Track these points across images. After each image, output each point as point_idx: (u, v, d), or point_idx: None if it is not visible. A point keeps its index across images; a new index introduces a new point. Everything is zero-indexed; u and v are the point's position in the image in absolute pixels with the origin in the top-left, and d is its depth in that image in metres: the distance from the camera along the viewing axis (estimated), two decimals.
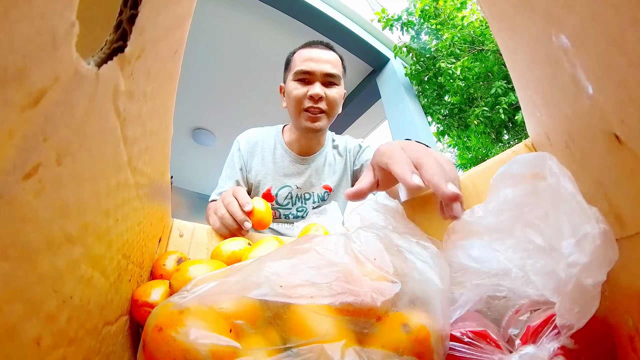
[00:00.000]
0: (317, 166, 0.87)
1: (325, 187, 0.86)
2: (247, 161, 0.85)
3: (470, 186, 0.40)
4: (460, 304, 0.24)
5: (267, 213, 0.49)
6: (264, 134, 0.89)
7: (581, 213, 0.19)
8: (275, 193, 0.83)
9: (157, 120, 0.27)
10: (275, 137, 0.89)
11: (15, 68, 0.10)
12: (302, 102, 0.77)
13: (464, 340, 0.20)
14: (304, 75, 0.77)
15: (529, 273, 0.23)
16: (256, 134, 0.89)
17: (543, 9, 0.20)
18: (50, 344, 0.15)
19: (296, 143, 0.86)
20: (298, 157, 0.86)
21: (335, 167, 0.89)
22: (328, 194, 0.86)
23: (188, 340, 0.18)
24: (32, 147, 0.12)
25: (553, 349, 0.19)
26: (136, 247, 0.27)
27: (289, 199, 0.84)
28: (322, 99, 0.77)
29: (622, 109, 0.16)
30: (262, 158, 0.85)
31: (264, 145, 0.87)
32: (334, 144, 0.92)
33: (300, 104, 0.78)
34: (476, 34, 2.28)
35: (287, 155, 0.86)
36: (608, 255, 0.18)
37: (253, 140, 0.87)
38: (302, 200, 0.85)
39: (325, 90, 0.77)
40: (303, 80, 0.78)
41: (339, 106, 0.82)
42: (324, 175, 0.87)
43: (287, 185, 0.84)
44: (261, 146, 0.87)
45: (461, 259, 0.27)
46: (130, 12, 0.18)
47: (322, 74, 0.77)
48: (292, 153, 0.86)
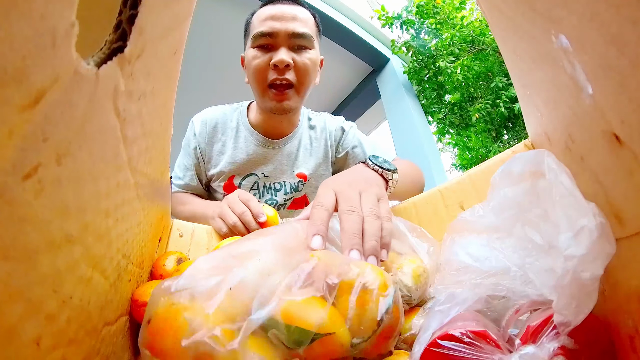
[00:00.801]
0: (290, 150, 0.71)
1: (299, 176, 0.71)
2: (205, 149, 0.70)
3: (470, 186, 0.40)
4: (459, 302, 0.24)
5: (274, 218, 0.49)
6: (225, 114, 0.73)
7: (578, 207, 0.19)
8: (239, 183, 0.69)
9: (157, 120, 0.27)
10: (238, 117, 0.72)
11: (14, 68, 0.10)
12: (264, 73, 0.60)
13: (463, 340, 0.20)
14: (264, 39, 0.60)
15: (527, 272, 0.23)
16: (215, 114, 0.72)
17: (543, 9, 0.20)
18: (50, 345, 0.15)
19: (262, 123, 0.70)
20: (266, 140, 0.70)
21: (311, 150, 0.74)
22: (303, 184, 0.71)
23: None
24: (31, 147, 0.12)
25: (553, 348, 0.19)
26: (136, 247, 0.27)
27: (255, 189, 0.69)
28: (288, 66, 0.59)
29: (622, 109, 0.16)
30: (223, 143, 0.70)
31: (224, 128, 0.71)
32: (310, 124, 0.76)
33: (263, 76, 0.61)
34: (476, 34, 2.28)
35: (252, 138, 0.70)
36: (605, 249, 0.18)
37: (212, 122, 0.71)
38: (272, 191, 0.70)
39: (294, 56, 0.60)
40: (264, 47, 0.60)
41: (312, 76, 0.64)
42: (297, 162, 0.71)
43: (253, 174, 0.69)
44: (221, 129, 0.71)
45: (460, 257, 0.27)
46: (129, 12, 0.18)
47: (287, 34, 0.59)
48: (258, 135, 0.70)
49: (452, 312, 0.24)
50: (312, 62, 0.62)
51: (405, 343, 0.30)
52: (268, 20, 0.60)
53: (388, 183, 0.42)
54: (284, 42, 0.60)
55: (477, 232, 0.28)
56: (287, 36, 0.60)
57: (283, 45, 0.60)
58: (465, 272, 0.26)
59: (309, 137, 0.75)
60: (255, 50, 0.61)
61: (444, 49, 2.35)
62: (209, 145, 0.70)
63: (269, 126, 0.70)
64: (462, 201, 0.40)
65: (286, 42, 0.60)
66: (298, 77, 0.62)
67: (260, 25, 0.60)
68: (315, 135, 0.75)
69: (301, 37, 0.60)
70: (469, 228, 0.28)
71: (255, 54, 0.61)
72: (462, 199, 0.40)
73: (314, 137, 0.75)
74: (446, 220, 0.41)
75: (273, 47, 0.60)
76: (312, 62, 0.62)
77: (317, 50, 0.65)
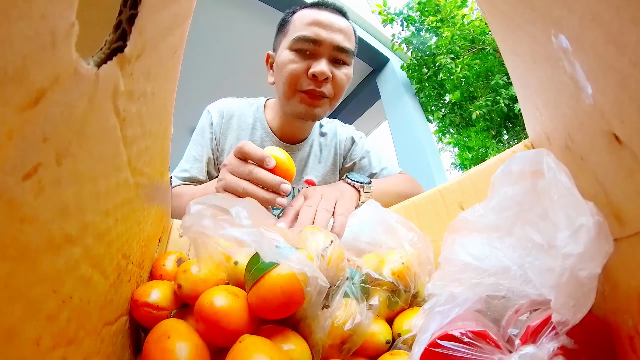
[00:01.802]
0: (301, 157, 0.71)
1: (308, 182, 0.70)
2: (220, 140, 0.67)
3: (470, 186, 0.40)
4: (459, 302, 0.24)
5: (290, 162, 0.42)
6: (242, 108, 0.70)
7: (577, 206, 0.19)
8: None
9: (156, 120, 0.27)
10: (255, 113, 0.70)
11: (14, 68, 0.10)
12: (299, 80, 0.57)
13: (463, 340, 0.20)
14: (306, 45, 0.56)
15: (527, 271, 0.23)
16: (232, 106, 0.70)
17: (543, 9, 0.20)
18: (50, 344, 0.15)
19: (280, 126, 0.68)
20: (281, 144, 0.69)
21: (321, 157, 0.73)
22: None
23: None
24: (31, 147, 0.12)
25: (552, 349, 0.19)
26: (136, 247, 0.27)
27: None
28: (327, 79, 0.57)
29: (621, 109, 0.16)
30: (238, 137, 0.68)
31: (240, 122, 0.69)
32: (322, 131, 0.75)
33: (296, 82, 0.58)
34: (476, 33, 2.28)
35: (267, 138, 0.68)
36: (603, 247, 0.18)
37: (228, 113, 0.69)
38: None
39: (333, 70, 0.57)
40: (303, 52, 0.57)
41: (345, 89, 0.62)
42: (307, 168, 0.71)
43: None
44: (237, 122, 0.68)
45: (461, 256, 0.27)
46: (129, 12, 0.18)
47: (331, 46, 0.56)
48: (274, 137, 0.68)
49: (452, 313, 0.24)
50: (348, 78, 0.61)
51: (405, 344, 0.30)
52: (314, 25, 0.56)
53: (360, 194, 0.52)
54: (326, 52, 0.57)
55: (477, 231, 0.28)
56: (331, 47, 0.57)
57: (325, 55, 0.57)
58: (465, 270, 0.26)
59: (319, 144, 0.74)
60: (294, 54, 0.57)
61: (444, 47, 2.34)
62: (222, 137, 0.68)
63: (287, 130, 0.68)
64: (462, 201, 0.40)
65: (328, 53, 0.57)
66: (334, 91, 0.59)
67: (304, 29, 0.56)
68: (326, 142, 0.75)
69: (344, 52, 0.58)
70: (469, 227, 0.28)
71: (293, 58, 0.57)
72: (462, 199, 0.40)
73: (324, 144, 0.74)
74: (446, 220, 0.41)
75: (314, 55, 0.57)
76: (347, 78, 0.61)
77: (352, 68, 0.63)
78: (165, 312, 0.29)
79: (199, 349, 0.24)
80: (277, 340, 0.26)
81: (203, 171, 0.67)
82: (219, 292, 0.26)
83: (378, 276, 0.33)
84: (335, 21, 0.58)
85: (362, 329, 0.29)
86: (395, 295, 0.34)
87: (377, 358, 0.30)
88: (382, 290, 0.33)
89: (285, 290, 0.25)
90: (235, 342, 0.23)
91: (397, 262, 0.34)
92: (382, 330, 0.31)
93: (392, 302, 0.33)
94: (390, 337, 0.31)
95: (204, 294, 0.26)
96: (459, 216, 0.30)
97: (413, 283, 0.33)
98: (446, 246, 0.29)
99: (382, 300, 0.33)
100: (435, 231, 0.40)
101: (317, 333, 0.27)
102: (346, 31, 0.59)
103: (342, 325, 0.27)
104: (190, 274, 0.29)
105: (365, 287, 0.33)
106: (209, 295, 0.26)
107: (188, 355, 0.22)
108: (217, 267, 0.31)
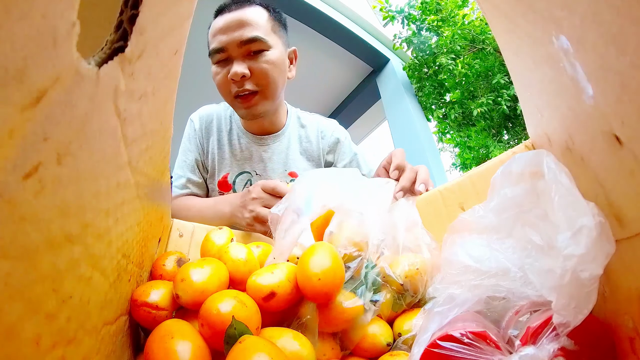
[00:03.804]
0: (280, 149, 0.73)
1: (292, 175, 0.72)
2: (204, 143, 0.72)
3: (470, 186, 0.40)
4: (459, 303, 0.24)
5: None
6: (219, 112, 0.75)
7: (577, 207, 0.19)
8: (233, 180, 0.70)
9: (157, 120, 0.27)
10: (231, 115, 0.74)
11: (15, 68, 0.10)
12: (227, 87, 0.61)
13: (463, 341, 0.20)
14: (218, 55, 0.60)
15: (527, 272, 0.23)
16: (211, 111, 0.75)
17: (543, 10, 0.20)
18: (50, 344, 0.15)
19: (248, 125, 0.72)
20: (256, 138, 0.71)
21: (302, 150, 0.75)
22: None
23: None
24: (32, 146, 0.12)
25: (553, 350, 0.19)
26: (136, 247, 0.27)
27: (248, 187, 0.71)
28: (245, 77, 0.59)
29: (622, 110, 0.16)
30: (218, 139, 0.72)
31: (219, 125, 0.73)
32: (302, 122, 0.77)
33: (227, 90, 0.61)
34: (477, 32, 2.28)
35: (244, 136, 0.72)
36: (604, 248, 0.18)
37: (208, 118, 0.74)
38: None
39: (250, 65, 0.59)
40: (221, 62, 0.61)
41: (277, 76, 0.62)
42: (289, 161, 0.73)
43: (246, 172, 0.71)
44: (217, 125, 0.73)
45: (460, 258, 0.27)
46: (130, 12, 0.18)
47: (236, 44, 0.58)
48: (248, 134, 0.72)
49: (452, 314, 0.24)
50: (272, 63, 0.61)
51: (405, 344, 0.30)
52: (217, 34, 0.60)
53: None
54: (235, 53, 0.59)
55: (477, 232, 0.28)
56: (236, 46, 0.58)
57: (236, 56, 0.59)
58: (465, 272, 0.26)
59: (299, 136, 0.75)
60: (215, 67, 0.62)
61: (445, 47, 2.34)
62: (206, 140, 0.72)
63: (255, 127, 0.72)
64: (462, 202, 0.40)
65: (238, 52, 0.59)
66: (259, 83, 0.61)
67: (212, 42, 0.61)
68: (306, 134, 0.76)
69: (252, 42, 0.59)
70: (469, 228, 0.28)
71: (216, 70, 0.62)
72: (462, 200, 0.40)
73: (304, 135, 0.76)
74: (446, 220, 0.41)
75: (229, 59, 0.60)
76: (271, 63, 0.61)
77: (277, 47, 0.63)
78: (164, 312, 0.28)
79: (201, 349, 0.24)
80: (282, 341, 0.26)
81: (196, 172, 0.72)
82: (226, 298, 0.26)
83: (391, 273, 0.33)
84: (234, 18, 0.59)
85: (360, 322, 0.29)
86: (402, 297, 0.33)
87: (377, 359, 0.30)
88: (390, 289, 0.33)
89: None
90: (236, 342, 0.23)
91: (412, 265, 0.33)
92: (383, 331, 0.31)
93: (397, 305, 0.33)
94: (391, 339, 0.31)
95: (210, 299, 0.26)
96: (458, 217, 0.30)
97: (422, 289, 0.33)
98: (446, 247, 0.29)
99: (387, 300, 0.33)
100: (435, 232, 0.40)
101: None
102: (250, 20, 0.59)
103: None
104: (187, 284, 0.28)
105: (377, 279, 0.33)
106: (215, 302, 0.25)
107: (191, 356, 0.22)
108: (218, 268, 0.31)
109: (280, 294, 0.28)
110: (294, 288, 0.29)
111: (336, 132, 0.78)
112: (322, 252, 0.30)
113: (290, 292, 0.29)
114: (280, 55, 0.63)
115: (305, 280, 0.28)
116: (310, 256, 0.29)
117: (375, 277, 0.33)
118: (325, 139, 0.76)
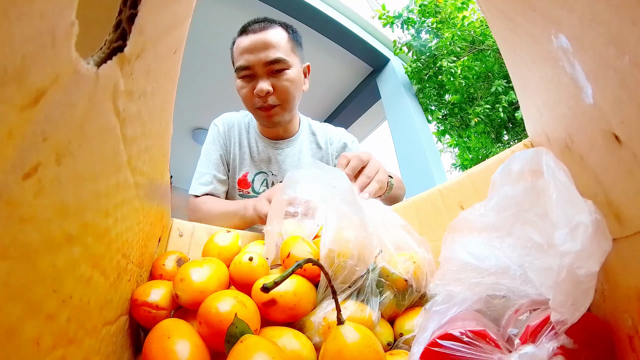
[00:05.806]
0: (292, 152, 0.82)
1: None
2: (227, 144, 0.82)
3: (470, 185, 0.40)
4: (458, 302, 0.24)
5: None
6: (239, 117, 0.85)
7: (575, 204, 0.19)
8: (252, 179, 0.79)
9: (156, 120, 0.27)
10: (249, 120, 0.85)
11: (14, 68, 0.10)
12: (251, 100, 0.70)
13: (463, 340, 0.20)
14: (244, 72, 0.69)
15: (527, 271, 0.23)
16: (232, 117, 0.85)
17: (543, 9, 0.20)
18: (50, 344, 0.15)
19: (265, 130, 0.82)
20: (271, 142, 0.81)
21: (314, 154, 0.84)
22: None
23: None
24: (31, 146, 0.12)
25: (552, 348, 0.19)
26: (136, 247, 0.27)
27: (264, 186, 0.80)
28: (269, 93, 0.68)
29: (621, 109, 0.16)
30: (239, 142, 0.82)
31: (240, 129, 0.83)
32: (313, 129, 0.87)
33: (251, 103, 0.71)
34: (476, 34, 2.27)
35: (260, 140, 0.82)
36: (601, 245, 0.18)
37: (230, 123, 0.84)
38: None
39: (274, 82, 0.68)
40: (246, 77, 0.70)
41: (295, 91, 0.72)
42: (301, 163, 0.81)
43: (263, 172, 0.80)
44: (237, 129, 0.83)
45: (460, 256, 0.27)
46: (129, 12, 0.18)
47: (262, 64, 0.67)
48: (265, 138, 0.82)
49: (451, 312, 0.24)
50: (292, 80, 0.70)
51: (406, 344, 0.30)
52: (245, 53, 0.67)
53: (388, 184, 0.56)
54: (261, 71, 0.68)
55: (477, 231, 0.28)
56: (262, 66, 0.67)
57: (261, 74, 0.68)
58: (465, 270, 0.26)
59: (310, 142, 0.85)
60: (240, 81, 0.71)
61: (445, 49, 2.34)
62: (229, 141, 0.82)
63: (270, 133, 0.81)
64: (462, 201, 0.40)
65: (263, 71, 0.68)
66: (280, 98, 0.70)
67: (239, 59, 0.69)
68: (317, 140, 0.85)
69: (276, 63, 0.67)
70: (469, 227, 0.28)
71: (242, 84, 0.70)
72: (462, 199, 0.40)
73: (315, 142, 0.85)
74: (446, 219, 0.41)
75: (254, 76, 0.69)
76: (291, 81, 0.69)
77: (296, 65, 0.71)
78: (164, 311, 0.28)
79: (200, 349, 0.24)
80: (283, 340, 0.26)
81: (219, 169, 0.79)
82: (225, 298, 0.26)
83: (394, 270, 0.33)
84: (260, 39, 0.67)
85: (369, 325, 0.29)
86: (404, 295, 0.33)
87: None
88: (392, 289, 0.33)
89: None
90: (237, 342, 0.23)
91: (409, 261, 0.34)
92: (384, 331, 0.31)
93: (400, 303, 0.33)
94: (392, 339, 0.31)
95: (209, 299, 0.26)
96: (458, 216, 0.30)
97: (424, 283, 0.33)
98: (446, 246, 0.29)
99: (391, 300, 0.33)
100: (435, 231, 0.40)
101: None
102: (273, 42, 0.67)
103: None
104: (186, 283, 0.28)
105: (380, 280, 0.33)
106: (214, 301, 0.25)
107: (189, 355, 0.22)
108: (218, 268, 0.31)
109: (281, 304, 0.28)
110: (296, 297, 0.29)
111: (344, 138, 0.86)
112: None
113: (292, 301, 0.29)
114: (298, 73, 0.72)
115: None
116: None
117: (377, 278, 0.32)
118: (334, 144, 0.85)
